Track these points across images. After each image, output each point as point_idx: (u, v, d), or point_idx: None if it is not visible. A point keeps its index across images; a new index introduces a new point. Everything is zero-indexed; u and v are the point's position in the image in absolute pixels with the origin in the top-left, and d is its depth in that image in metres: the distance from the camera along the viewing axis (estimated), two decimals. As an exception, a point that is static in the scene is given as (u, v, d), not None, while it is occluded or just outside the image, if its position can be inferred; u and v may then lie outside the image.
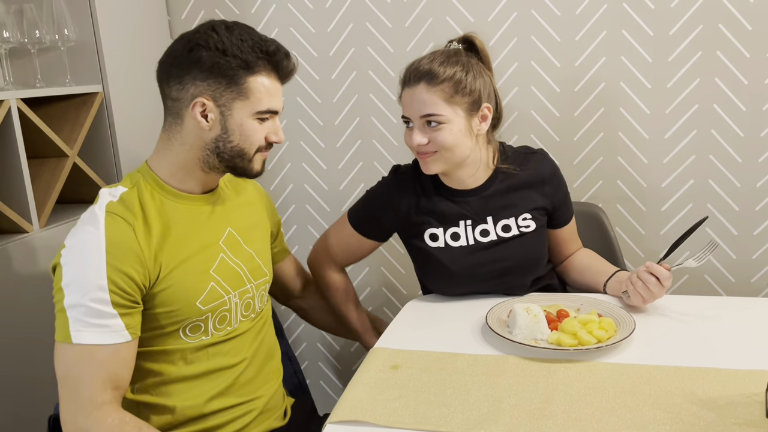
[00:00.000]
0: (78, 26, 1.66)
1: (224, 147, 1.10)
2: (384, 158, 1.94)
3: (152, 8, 1.90)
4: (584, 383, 1.02)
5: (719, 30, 1.65)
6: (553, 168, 1.43)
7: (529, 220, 1.39)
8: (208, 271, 1.13)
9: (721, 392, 0.96)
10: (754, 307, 1.29)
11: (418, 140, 1.28)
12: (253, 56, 1.07)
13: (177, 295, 1.08)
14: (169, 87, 1.10)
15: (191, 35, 1.08)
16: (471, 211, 1.38)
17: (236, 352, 1.18)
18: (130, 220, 1.05)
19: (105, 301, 1.00)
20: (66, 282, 1.01)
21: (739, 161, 1.71)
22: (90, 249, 1.01)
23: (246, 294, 1.20)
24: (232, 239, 1.19)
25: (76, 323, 0.99)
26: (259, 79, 1.09)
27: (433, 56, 1.30)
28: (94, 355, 1.00)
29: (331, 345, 2.15)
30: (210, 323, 1.14)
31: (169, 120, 1.12)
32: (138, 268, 1.04)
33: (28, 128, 1.50)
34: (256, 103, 1.09)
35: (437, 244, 1.38)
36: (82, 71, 1.70)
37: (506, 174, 1.39)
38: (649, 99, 1.73)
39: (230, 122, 1.09)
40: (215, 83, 1.06)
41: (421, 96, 1.27)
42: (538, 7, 1.74)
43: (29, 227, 1.48)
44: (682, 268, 1.30)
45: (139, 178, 1.12)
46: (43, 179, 1.58)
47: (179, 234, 1.10)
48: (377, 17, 1.85)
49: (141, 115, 1.84)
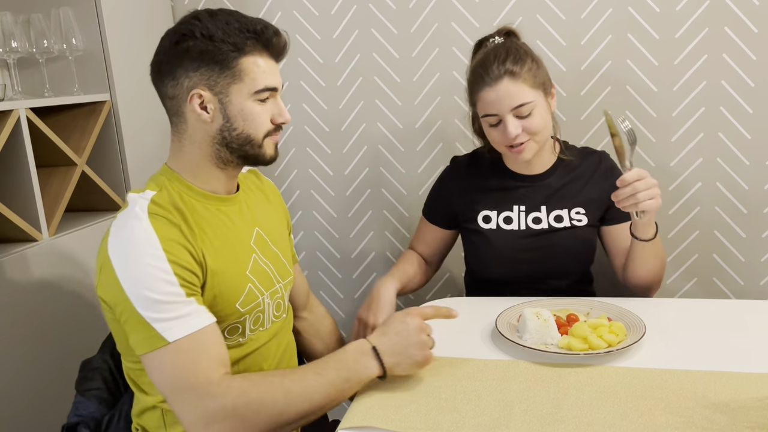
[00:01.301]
0: (85, 36, 1.68)
1: (230, 136, 1.07)
2: (390, 164, 1.95)
3: (159, 17, 1.91)
4: (595, 388, 1.01)
5: (725, 33, 1.65)
6: (612, 165, 1.49)
7: (582, 215, 1.44)
8: (245, 273, 1.12)
9: (733, 396, 0.96)
10: (764, 310, 1.28)
11: (515, 131, 1.32)
12: (241, 38, 1.04)
13: (220, 297, 1.07)
14: (164, 86, 1.08)
15: (176, 28, 1.06)
16: (527, 197, 1.45)
17: (266, 354, 1.17)
18: (175, 221, 1.02)
19: (179, 293, 0.97)
20: (130, 290, 0.96)
21: (746, 163, 1.71)
22: (146, 249, 0.97)
23: (276, 294, 1.19)
24: (260, 239, 1.18)
25: (160, 324, 0.95)
26: (251, 59, 1.06)
27: (497, 54, 1.34)
28: (194, 343, 0.97)
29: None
30: (247, 324, 1.13)
31: (174, 121, 1.11)
32: (194, 264, 1.02)
33: (37, 137, 1.51)
34: (251, 84, 1.06)
35: (490, 225, 1.45)
36: (90, 80, 1.71)
37: (567, 166, 1.46)
38: (655, 102, 1.73)
39: (230, 109, 1.06)
40: (208, 71, 1.04)
41: (508, 90, 1.31)
42: (543, 12, 1.74)
43: (39, 236, 1.48)
44: (627, 151, 1.22)
45: (164, 181, 1.09)
46: (53, 188, 1.59)
47: (215, 236, 1.08)
48: (383, 23, 1.86)
49: (149, 124, 1.85)
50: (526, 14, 1.75)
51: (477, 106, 1.38)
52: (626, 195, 1.21)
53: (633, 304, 1.32)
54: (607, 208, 1.47)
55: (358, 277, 2.07)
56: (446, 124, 1.88)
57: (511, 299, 1.36)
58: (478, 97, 1.35)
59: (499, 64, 1.32)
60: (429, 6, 1.81)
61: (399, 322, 1.07)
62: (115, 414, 1.11)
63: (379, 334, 1.07)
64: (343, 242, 2.05)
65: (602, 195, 1.45)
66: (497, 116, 1.34)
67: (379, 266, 2.04)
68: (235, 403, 0.95)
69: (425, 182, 1.93)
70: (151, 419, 1.10)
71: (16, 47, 1.54)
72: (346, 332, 2.12)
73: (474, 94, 1.37)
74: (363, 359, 1.03)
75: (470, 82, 1.39)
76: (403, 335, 1.05)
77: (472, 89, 1.38)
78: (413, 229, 1.97)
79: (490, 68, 1.33)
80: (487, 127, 1.38)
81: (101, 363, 1.13)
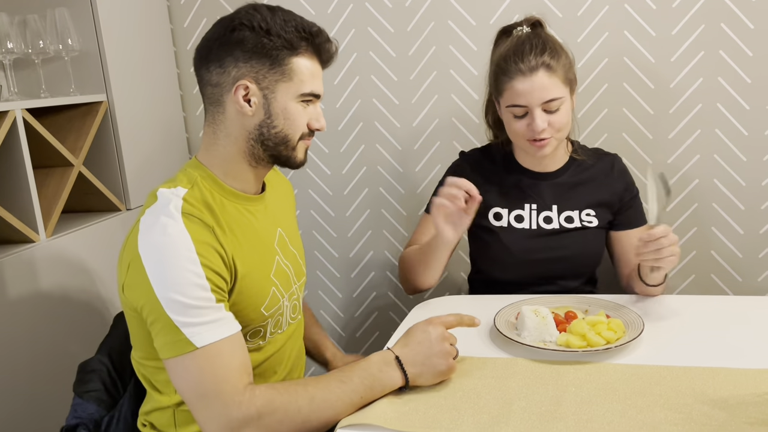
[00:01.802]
0: (81, 36, 1.67)
1: (268, 133, 1.06)
2: (388, 162, 1.95)
3: (155, 17, 1.91)
4: (594, 385, 1.01)
5: (721, 29, 1.65)
6: (624, 169, 1.49)
7: (592, 216, 1.43)
8: (269, 276, 1.11)
9: (732, 392, 0.96)
10: (762, 306, 1.28)
11: (543, 125, 1.31)
12: (296, 36, 1.04)
13: (246, 301, 1.06)
14: (209, 72, 1.05)
15: (233, 16, 1.05)
16: (538, 195, 1.44)
17: (281, 357, 1.17)
18: (209, 222, 1.01)
19: (209, 299, 0.96)
20: (161, 292, 0.94)
21: (744, 160, 1.71)
22: (181, 251, 0.95)
23: (293, 296, 1.19)
24: (282, 240, 1.17)
25: (189, 328, 0.94)
26: (302, 61, 1.06)
27: (533, 44, 1.32)
28: (222, 350, 0.96)
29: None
30: (269, 328, 1.12)
31: (211, 110, 1.08)
32: (224, 269, 1.01)
33: (34, 138, 1.50)
34: (299, 85, 1.06)
35: (500, 223, 1.44)
36: (86, 81, 1.71)
37: (580, 166, 1.46)
38: (652, 99, 1.73)
39: (274, 105, 1.05)
40: (258, 64, 1.03)
41: (543, 82, 1.30)
42: (540, 9, 1.73)
43: (36, 237, 1.48)
44: (653, 212, 1.23)
45: (196, 177, 1.07)
46: (49, 189, 1.59)
47: (244, 238, 1.07)
48: (379, 22, 1.85)
49: (145, 123, 1.84)
50: (522, 12, 1.74)
51: (504, 95, 1.34)
52: (651, 250, 1.19)
53: (631, 301, 1.32)
54: (617, 212, 1.47)
55: (356, 277, 2.07)
56: (443, 122, 1.88)
57: (510, 297, 1.36)
58: (508, 86, 1.32)
59: (537, 55, 1.30)
60: (425, 4, 1.81)
61: (421, 331, 1.05)
62: (114, 415, 1.11)
63: (401, 344, 1.05)
64: (341, 241, 2.05)
65: (613, 198, 1.45)
66: (525, 108, 1.32)
67: (377, 265, 2.04)
68: (260, 412, 0.95)
69: (423, 181, 1.93)
70: (162, 417, 1.09)
71: (11, 48, 1.54)
72: (345, 333, 2.13)
73: (503, 82, 1.33)
74: (387, 369, 1.02)
75: (499, 70, 1.35)
76: (426, 345, 1.03)
77: (500, 77, 1.34)
78: (411, 227, 1.97)
79: (526, 58, 1.30)
80: (511, 118, 1.35)
81: (99, 365, 1.12)
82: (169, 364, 0.97)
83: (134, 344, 1.08)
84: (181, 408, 1.07)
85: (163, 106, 1.95)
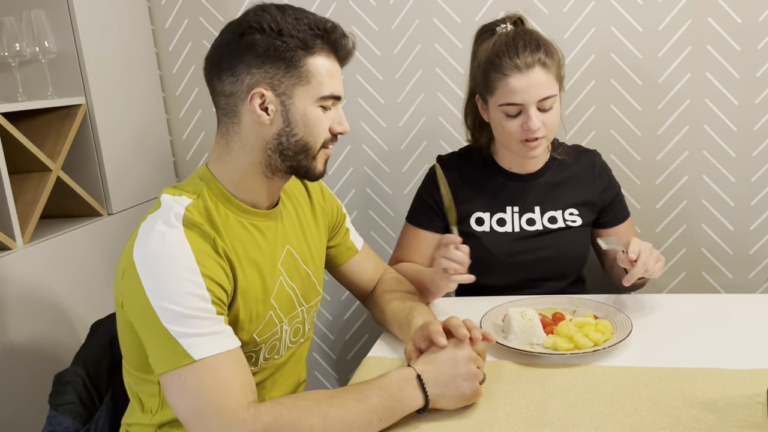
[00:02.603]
0: (58, 38, 1.64)
1: (288, 142, 0.99)
2: (374, 162, 1.92)
3: (135, 18, 1.88)
4: (581, 388, 0.99)
5: (709, 24, 1.63)
6: (605, 165, 1.47)
7: (576, 216, 1.41)
8: (269, 299, 1.04)
9: (721, 393, 0.94)
10: (752, 304, 1.26)
11: (538, 124, 1.27)
12: (310, 35, 0.96)
13: (240, 324, 0.99)
14: (221, 81, 0.99)
15: (241, 19, 0.98)
16: (520, 197, 1.41)
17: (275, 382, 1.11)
18: (210, 234, 0.95)
19: (209, 310, 0.90)
20: (156, 302, 0.88)
21: (733, 156, 1.69)
22: (179, 260, 0.90)
23: (296, 319, 1.11)
24: (290, 259, 1.09)
25: (187, 339, 0.87)
26: (319, 61, 0.98)
27: (527, 41, 1.28)
28: (222, 364, 0.88)
29: (328, 354, 2.12)
30: (261, 354, 1.06)
31: (225, 121, 1.01)
32: (226, 281, 0.95)
33: (10, 143, 1.47)
34: (318, 87, 0.98)
35: (482, 228, 1.40)
36: (65, 83, 1.68)
37: (560, 165, 1.43)
38: (640, 96, 1.71)
39: (293, 112, 0.98)
40: (273, 68, 0.96)
41: (540, 79, 1.27)
42: (526, 6, 1.71)
43: (12, 244, 1.45)
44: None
45: (203, 187, 1.01)
46: (27, 194, 1.55)
47: (245, 255, 1.01)
48: (363, 20, 1.83)
49: (125, 126, 1.81)
50: (508, 9, 1.72)
51: (496, 93, 1.30)
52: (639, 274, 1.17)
53: (619, 302, 1.30)
54: (602, 211, 1.46)
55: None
56: (430, 121, 1.85)
57: (497, 298, 1.34)
58: (502, 83, 1.28)
59: (533, 52, 1.27)
60: (410, 2, 1.78)
61: (448, 349, 0.98)
62: (90, 428, 1.08)
63: (424, 361, 0.97)
64: (329, 243, 2.02)
65: (596, 197, 1.43)
66: (520, 106, 1.28)
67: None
68: (267, 429, 0.86)
69: (410, 181, 1.91)
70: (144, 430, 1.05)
71: (-14, 51, 1.51)
72: (333, 334, 2.10)
73: (496, 80, 1.29)
74: (408, 387, 0.93)
75: (491, 66, 1.30)
76: (450, 364, 0.96)
77: (491, 74, 1.30)
78: (398, 228, 1.94)
79: (522, 54, 1.27)
80: (503, 117, 1.31)
81: (74, 376, 1.09)
82: (165, 380, 0.89)
83: (123, 352, 1.03)
84: (162, 430, 1.03)
85: (145, 109, 1.92)
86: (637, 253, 1.17)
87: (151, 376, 0.99)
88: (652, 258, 1.18)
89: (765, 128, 1.66)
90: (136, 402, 1.05)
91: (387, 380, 0.94)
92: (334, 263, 1.28)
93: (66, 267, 1.58)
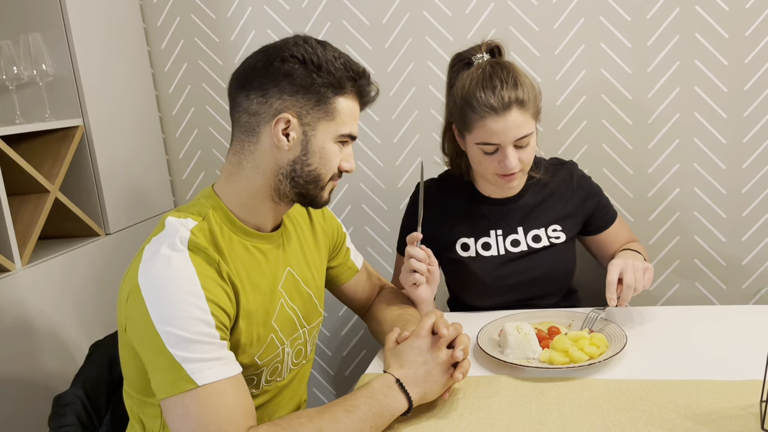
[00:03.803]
0: (56, 61, 1.66)
1: (301, 170, 1.02)
2: (369, 178, 1.94)
3: (131, 39, 1.90)
4: (577, 401, 1.00)
5: (696, 39, 1.66)
6: (582, 175, 1.48)
7: (559, 231, 1.42)
8: (270, 322, 1.05)
9: (715, 405, 0.95)
10: (744, 314, 1.28)
11: (515, 163, 1.28)
12: (346, 76, 1.01)
13: (241, 347, 1.00)
14: (248, 99, 1.00)
15: (282, 45, 1.01)
16: (502, 221, 1.42)
17: (278, 405, 1.12)
18: (215, 258, 0.96)
19: (213, 335, 0.91)
20: (161, 326, 0.88)
21: (723, 168, 1.72)
22: (184, 284, 0.91)
23: (297, 340, 1.12)
24: (290, 281, 1.11)
25: (191, 364, 0.88)
26: (347, 102, 1.03)
27: (502, 78, 1.27)
28: (224, 390, 0.89)
29: (326, 370, 2.12)
30: (263, 376, 1.07)
31: (241, 138, 1.03)
32: (230, 306, 0.96)
33: (8, 165, 1.48)
34: (340, 125, 1.02)
35: (468, 253, 1.41)
36: (62, 105, 1.69)
37: (538, 184, 1.44)
38: (630, 110, 1.74)
39: (312, 143, 1.01)
40: (304, 99, 0.99)
41: (517, 120, 1.26)
42: (516, 24, 1.74)
43: (11, 266, 1.45)
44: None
45: (208, 210, 1.02)
46: (25, 216, 1.56)
47: (247, 278, 1.02)
48: (354, 15, 1.84)
49: (122, 147, 1.83)
50: (499, 26, 1.76)
51: (473, 133, 1.29)
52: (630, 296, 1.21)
53: (614, 314, 1.31)
54: (587, 221, 1.47)
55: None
56: (424, 137, 1.87)
57: (493, 313, 1.35)
58: (479, 125, 1.27)
59: (509, 90, 1.25)
60: (403, 21, 1.81)
61: (410, 349, 1.02)
62: (90, 449, 1.08)
63: (396, 365, 1.01)
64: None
65: (577, 208, 1.45)
66: (496, 145, 1.29)
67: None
68: None
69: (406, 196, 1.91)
70: None
71: (-16, 75, 1.52)
72: (331, 350, 2.10)
73: (473, 120, 1.28)
74: (391, 393, 0.97)
75: (468, 106, 1.28)
76: (420, 361, 1.00)
77: (468, 114, 1.28)
78: (391, 222, 1.95)
79: (498, 94, 1.25)
80: (480, 155, 1.31)
81: (73, 398, 1.09)
82: (167, 405, 0.89)
83: (124, 374, 1.04)
84: None
85: (142, 129, 1.93)
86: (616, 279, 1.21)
87: (153, 398, 1.00)
88: (637, 275, 1.21)
89: (754, 140, 1.69)
90: (137, 423, 1.05)
91: (371, 389, 0.97)
92: (335, 283, 1.30)
93: (65, 287, 1.59)
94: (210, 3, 1.93)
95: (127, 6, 1.88)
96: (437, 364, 1.01)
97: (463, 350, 1.02)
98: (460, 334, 1.05)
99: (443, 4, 1.78)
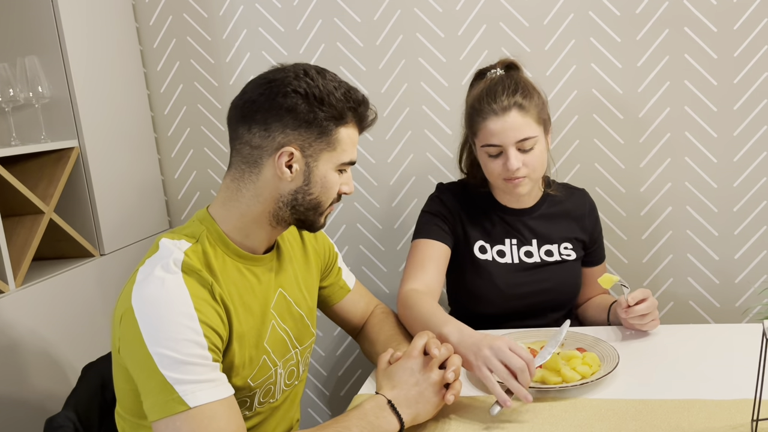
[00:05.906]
0: (52, 83, 1.67)
1: (302, 199, 1.03)
2: (363, 197, 1.95)
3: (127, 61, 1.92)
4: (570, 422, 1.00)
5: (686, 60, 1.68)
6: (593, 205, 1.53)
7: (570, 250, 1.47)
8: (262, 343, 1.05)
9: (706, 425, 0.95)
10: (736, 333, 1.28)
11: (517, 165, 1.32)
12: (347, 107, 1.02)
13: (234, 370, 1.00)
14: (251, 133, 1.01)
15: (281, 78, 1.01)
16: (517, 231, 1.45)
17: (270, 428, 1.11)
18: (208, 280, 0.97)
19: (206, 357, 0.91)
20: (153, 347, 0.88)
21: (714, 187, 1.73)
22: (177, 306, 0.91)
23: (290, 361, 1.13)
24: (282, 302, 1.11)
25: (183, 386, 0.88)
26: (347, 131, 1.04)
27: (506, 85, 1.34)
28: (216, 413, 0.89)
29: (321, 391, 2.11)
30: (256, 398, 1.07)
31: (242, 168, 1.03)
32: (222, 328, 0.96)
33: (3, 187, 1.49)
34: (341, 155, 1.04)
35: (486, 257, 1.44)
36: (58, 127, 1.70)
37: (553, 200, 1.49)
38: (622, 130, 1.76)
39: (315, 173, 1.02)
40: (306, 133, 1.00)
41: (516, 122, 1.31)
42: (508, 45, 1.77)
43: (5, 287, 1.45)
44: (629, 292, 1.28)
45: (202, 232, 1.03)
46: (19, 237, 1.56)
47: (240, 300, 1.02)
48: (345, 12, 1.86)
49: (117, 167, 1.84)
50: (491, 48, 1.78)
51: (478, 135, 1.36)
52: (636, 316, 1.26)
53: (607, 333, 1.31)
54: (587, 250, 1.52)
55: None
56: (418, 157, 1.89)
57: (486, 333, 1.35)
58: (482, 126, 1.34)
59: (509, 95, 1.32)
60: (396, 42, 1.83)
61: (402, 369, 1.02)
62: (81, 472, 1.08)
63: (388, 387, 1.01)
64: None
65: (586, 235, 1.50)
66: (499, 147, 1.34)
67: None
68: None
69: (400, 215, 1.93)
70: None
71: (-20, 97, 1.53)
72: (325, 371, 2.09)
73: (477, 122, 1.36)
74: (383, 414, 0.97)
75: (473, 111, 1.37)
76: (411, 382, 1.01)
77: (474, 118, 1.37)
78: (389, 262, 1.96)
79: (499, 98, 1.32)
80: (486, 158, 1.37)
81: (65, 421, 1.08)
82: (159, 427, 0.89)
83: (117, 396, 1.04)
84: None
85: (137, 149, 1.94)
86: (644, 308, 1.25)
87: (145, 421, 0.99)
88: (653, 309, 1.26)
89: (745, 159, 1.70)
90: None
91: (362, 410, 0.97)
92: (327, 303, 1.30)
93: (59, 308, 1.59)
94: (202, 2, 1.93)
95: (125, 31, 1.91)
96: (429, 384, 1.01)
97: (455, 371, 1.02)
98: (452, 355, 1.05)
99: (437, 27, 1.80)
